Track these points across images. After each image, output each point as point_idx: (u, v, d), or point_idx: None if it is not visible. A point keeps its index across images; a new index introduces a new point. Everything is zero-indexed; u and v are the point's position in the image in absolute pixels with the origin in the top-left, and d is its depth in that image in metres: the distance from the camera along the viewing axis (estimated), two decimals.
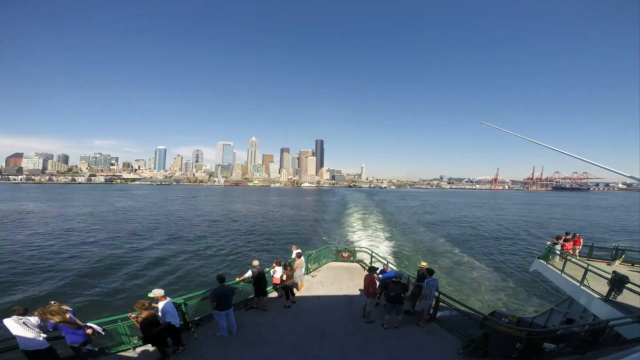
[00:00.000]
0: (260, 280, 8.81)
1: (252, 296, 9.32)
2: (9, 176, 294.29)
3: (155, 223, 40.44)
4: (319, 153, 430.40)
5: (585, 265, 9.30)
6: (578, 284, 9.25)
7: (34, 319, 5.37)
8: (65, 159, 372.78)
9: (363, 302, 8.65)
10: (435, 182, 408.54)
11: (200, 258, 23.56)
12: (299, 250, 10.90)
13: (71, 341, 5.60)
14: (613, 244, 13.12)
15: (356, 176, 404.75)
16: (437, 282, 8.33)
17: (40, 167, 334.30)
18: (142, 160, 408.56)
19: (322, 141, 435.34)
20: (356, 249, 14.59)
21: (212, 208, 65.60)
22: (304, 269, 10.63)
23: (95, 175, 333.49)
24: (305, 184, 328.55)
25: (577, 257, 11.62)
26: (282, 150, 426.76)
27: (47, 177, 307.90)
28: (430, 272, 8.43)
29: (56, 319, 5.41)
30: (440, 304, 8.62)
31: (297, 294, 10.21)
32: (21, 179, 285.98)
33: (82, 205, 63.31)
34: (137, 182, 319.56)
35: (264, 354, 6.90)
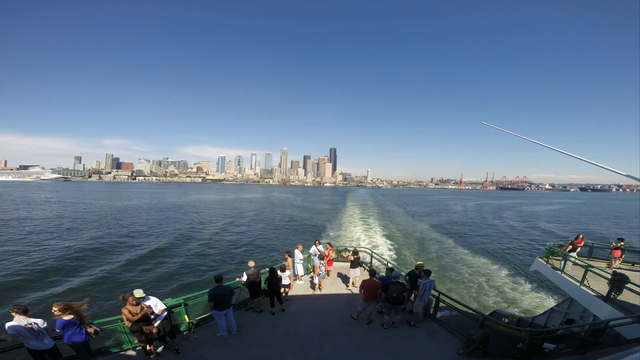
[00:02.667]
0: (256, 282, 8.76)
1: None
2: (142, 177, 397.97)
3: None
4: (333, 159, 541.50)
5: (585, 265, 9.30)
6: (578, 284, 9.24)
7: (39, 321, 5.28)
8: (159, 163, 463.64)
9: (359, 307, 8.35)
10: (424, 183, 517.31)
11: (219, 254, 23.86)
12: (289, 251, 11.04)
13: (73, 340, 5.55)
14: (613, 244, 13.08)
15: (363, 178, 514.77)
16: (433, 283, 8.26)
17: (149, 170, 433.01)
18: (199, 164, 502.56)
19: (335, 149, 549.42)
20: (356, 249, 14.58)
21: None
22: (292, 270, 10.65)
23: (190, 177, 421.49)
24: (327, 184, 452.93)
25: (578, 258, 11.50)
26: (305, 158, 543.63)
27: (166, 179, 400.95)
28: (427, 272, 8.41)
29: (66, 316, 5.37)
30: (440, 304, 8.61)
31: (292, 293, 10.26)
32: (153, 180, 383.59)
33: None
34: (227, 182, 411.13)
35: (264, 354, 6.90)
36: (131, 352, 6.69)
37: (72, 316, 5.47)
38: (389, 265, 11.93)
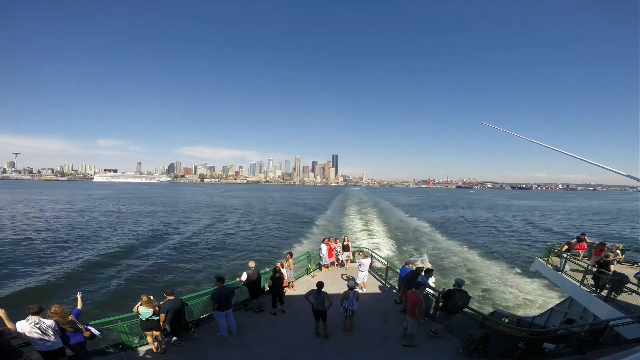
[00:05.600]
0: (256, 282, 8.76)
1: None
2: (208, 179, 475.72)
3: None
4: (335, 164, 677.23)
5: (585, 265, 9.30)
6: (578, 284, 9.25)
7: (48, 321, 5.27)
8: (210, 168, 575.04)
9: (405, 323, 7.46)
10: (407, 183, 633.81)
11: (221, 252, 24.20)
12: (290, 251, 11.06)
13: (70, 342, 5.61)
14: (613, 245, 13.07)
15: (359, 179, 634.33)
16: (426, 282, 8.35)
17: (205, 173, 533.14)
18: (231, 166, 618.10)
19: (336, 155, 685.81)
20: (356, 249, 14.59)
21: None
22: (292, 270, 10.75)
23: (237, 179, 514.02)
24: (332, 184, 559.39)
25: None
26: (313, 163, 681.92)
27: (223, 180, 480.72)
28: (427, 272, 8.47)
29: (55, 318, 5.42)
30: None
31: (292, 292, 10.28)
32: (216, 181, 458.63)
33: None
34: (262, 183, 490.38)
35: (264, 354, 6.90)
36: (131, 352, 6.70)
37: (70, 318, 5.51)
38: (388, 265, 11.94)
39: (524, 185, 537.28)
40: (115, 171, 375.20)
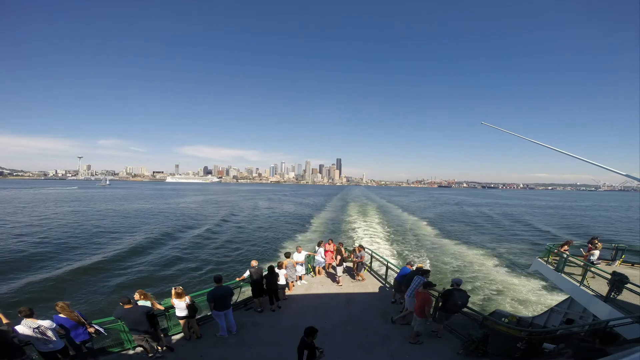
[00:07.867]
0: (258, 281, 8.79)
1: (251, 296, 9.31)
2: (242, 179, 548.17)
3: None
4: (339, 167, 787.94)
5: (584, 265, 9.30)
6: (578, 284, 9.25)
7: (47, 323, 5.20)
8: (237, 169, 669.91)
9: (413, 323, 7.43)
10: (400, 183, 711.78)
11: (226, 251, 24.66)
12: (289, 251, 11.06)
13: (73, 339, 5.61)
14: (613, 244, 13.05)
15: (360, 179, 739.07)
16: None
17: (236, 175, 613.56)
18: (252, 168, 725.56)
19: (340, 159, 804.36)
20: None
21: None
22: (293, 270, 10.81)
23: (262, 180, 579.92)
24: (338, 184, 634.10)
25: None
26: (320, 166, 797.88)
27: (252, 180, 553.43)
28: (424, 272, 8.43)
29: (64, 314, 5.46)
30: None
31: (292, 293, 10.26)
32: (247, 181, 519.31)
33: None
34: (282, 183, 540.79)
35: (264, 354, 6.90)
36: (131, 352, 6.70)
37: (65, 316, 5.52)
38: (389, 265, 11.92)
39: (492, 185, 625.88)
40: (161, 173, 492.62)
